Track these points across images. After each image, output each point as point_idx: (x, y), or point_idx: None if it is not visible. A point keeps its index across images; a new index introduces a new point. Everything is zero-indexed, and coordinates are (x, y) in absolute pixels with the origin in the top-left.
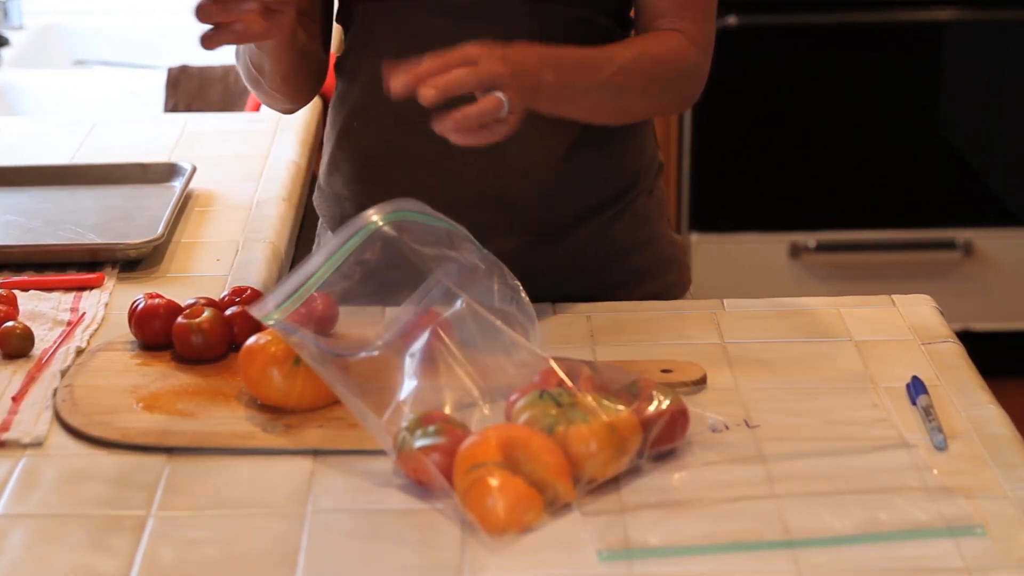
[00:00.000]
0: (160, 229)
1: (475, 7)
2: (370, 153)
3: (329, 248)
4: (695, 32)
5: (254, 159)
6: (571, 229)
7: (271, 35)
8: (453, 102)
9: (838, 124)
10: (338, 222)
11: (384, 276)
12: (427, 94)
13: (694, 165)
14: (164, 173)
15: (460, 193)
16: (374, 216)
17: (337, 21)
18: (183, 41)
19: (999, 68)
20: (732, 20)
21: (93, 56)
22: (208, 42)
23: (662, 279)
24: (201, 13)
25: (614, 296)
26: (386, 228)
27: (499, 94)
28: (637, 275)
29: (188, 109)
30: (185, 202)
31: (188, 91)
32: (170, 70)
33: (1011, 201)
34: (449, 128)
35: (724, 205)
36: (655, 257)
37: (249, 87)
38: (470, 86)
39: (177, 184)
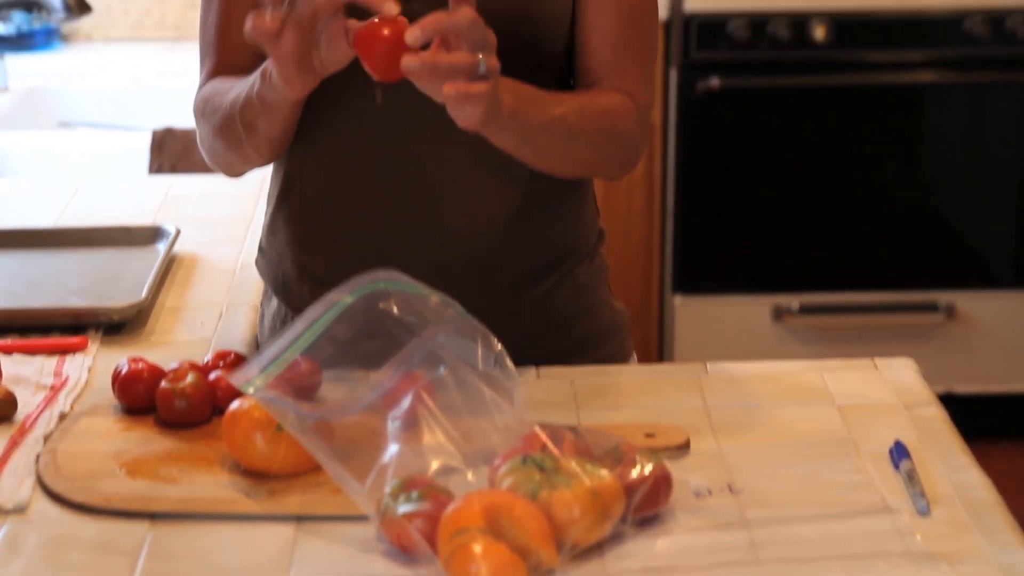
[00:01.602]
0: (144, 293)
1: None
2: (309, 215)
3: (311, 316)
4: (639, 96)
5: (238, 222)
6: (511, 296)
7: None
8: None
9: (821, 186)
10: (281, 286)
11: (366, 344)
12: (412, 33)
13: (677, 227)
14: (148, 236)
15: (398, 256)
16: (354, 286)
17: None
18: (168, 103)
19: (980, 130)
20: (715, 82)
21: (78, 118)
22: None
23: (606, 347)
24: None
25: (556, 364)
26: (367, 297)
27: (482, 65)
28: (580, 344)
29: (173, 171)
30: (169, 265)
31: (173, 153)
32: (155, 132)
33: (993, 263)
34: (415, 66)
35: (707, 267)
36: (598, 326)
37: (217, 146)
38: (453, 31)
39: (161, 247)
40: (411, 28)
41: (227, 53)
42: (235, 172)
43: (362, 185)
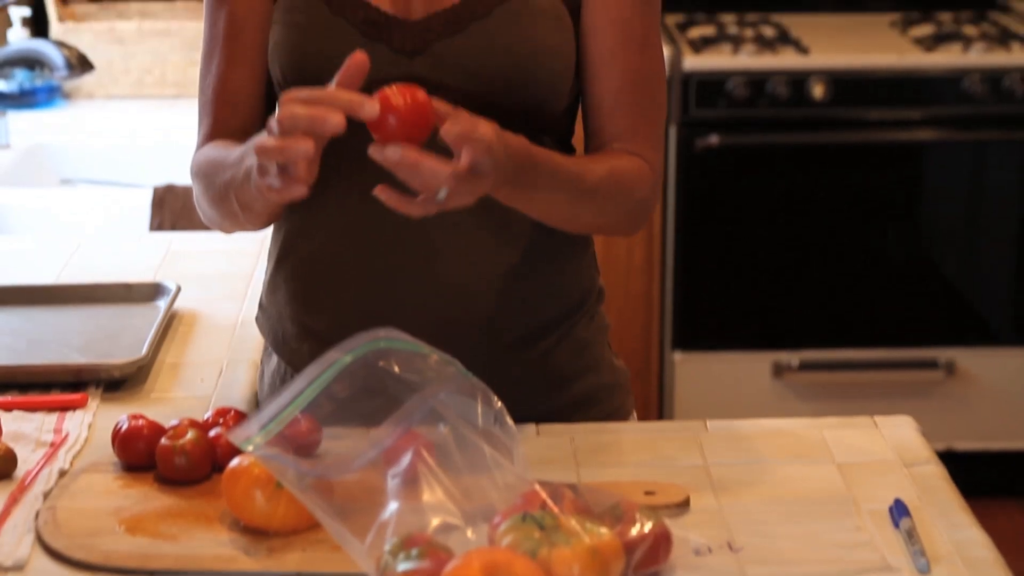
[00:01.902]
0: (144, 349)
1: None
2: (309, 273)
3: (311, 374)
4: (653, 159)
5: (239, 279)
6: (511, 354)
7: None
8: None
9: (820, 243)
10: (280, 343)
11: (366, 402)
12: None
13: (677, 283)
14: (149, 293)
15: (398, 314)
16: (353, 345)
17: None
18: (169, 160)
19: (979, 188)
20: (714, 140)
21: (79, 175)
22: (278, 192)
23: (606, 405)
24: (260, 151)
25: (556, 422)
26: (367, 356)
27: (443, 191)
28: (580, 401)
29: (173, 228)
30: (170, 322)
31: (173, 210)
32: (156, 189)
33: (993, 320)
34: (385, 162)
35: (707, 323)
36: (598, 383)
37: (213, 213)
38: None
39: (162, 304)
40: (393, 150)
41: (224, 114)
42: (231, 232)
43: (362, 244)
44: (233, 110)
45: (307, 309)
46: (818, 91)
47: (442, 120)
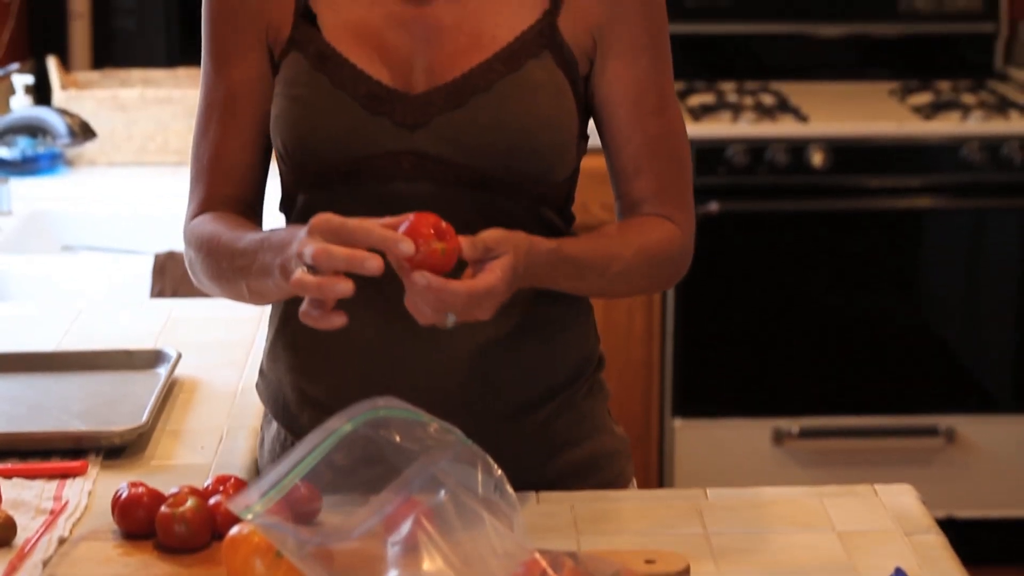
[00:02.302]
0: (144, 417)
1: (418, 199)
2: (310, 341)
3: (311, 442)
4: (683, 220)
5: (239, 345)
6: (511, 422)
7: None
8: None
9: (820, 310)
10: (281, 410)
11: (366, 470)
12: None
13: (677, 350)
14: (149, 360)
15: (399, 383)
16: (353, 413)
17: (279, 210)
18: (170, 227)
19: (978, 255)
20: (714, 207)
21: (80, 241)
22: (316, 320)
23: (606, 472)
24: (297, 286)
25: (556, 490)
26: (367, 424)
27: (452, 317)
28: (580, 469)
29: (174, 295)
30: (170, 389)
31: (174, 277)
32: (157, 256)
33: (993, 388)
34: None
35: (707, 390)
36: (598, 451)
37: (213, 288)
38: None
39: (162, 371)
40: (420, 275)
41: (220, 183)
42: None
43: (363, 313)
44: (228, 179)
45: (307, 377)
46: (817, 159)
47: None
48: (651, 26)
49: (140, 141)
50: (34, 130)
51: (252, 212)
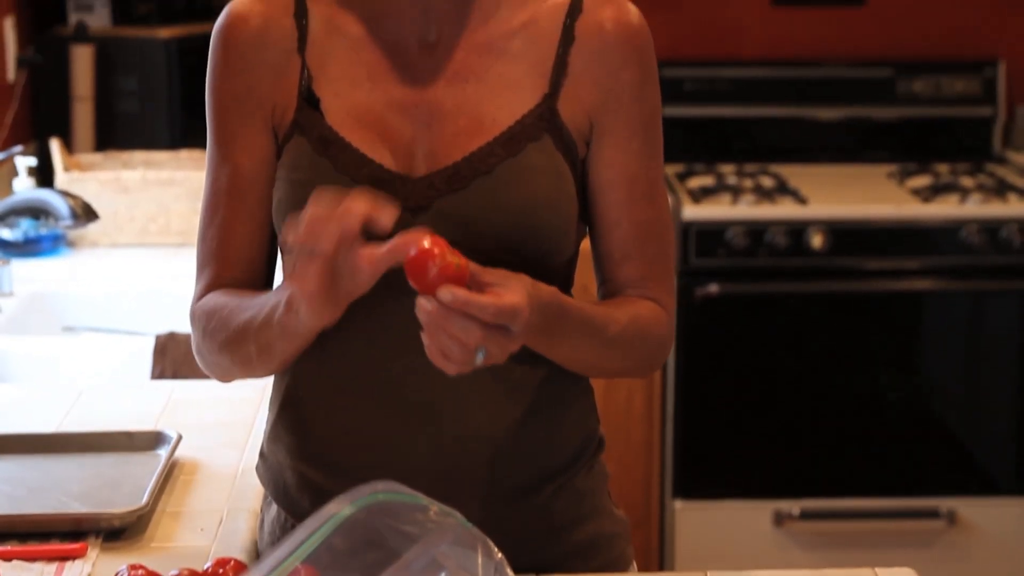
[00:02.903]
0: (145, 498)
1: None
2: (312, 423)
3: (311, 526)
4: (667, 302)
5: (240, 427)
6: (511, 505)
7: (331, 316)
8: None
9: (821, 392)
10: (281, 493)
11: (366, 554)
12: (445, 295)
13: (677, 431)
14: (150, 441)
15: (399, 466)
16: (353, 497)
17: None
18: (171, 308)
19: (978, 337)
20: (714, 288)
21: (82, 322)
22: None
23: (605, 555)
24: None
25: (556, 572)
26: (367, 508)
27: (480, 354)
28: (580, 551)
29: (175, 376)
30: (170, 471)
31: (175, 358)
32: (158, 337)
33: (994, 470)
34: (425, 321)
35: (707, 472)
36: (597, 533)
37: (220, 360)
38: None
39: (163, 452)
40: (445, 290)
41: (227, 266)
42: (231, 380)
43: (364, 396)
44: (236, 263)
45: (307, 460)
46: (817, 241)
47: (480, 280)
48: (645, 112)
49: (142, 222)
50: (36, 212)
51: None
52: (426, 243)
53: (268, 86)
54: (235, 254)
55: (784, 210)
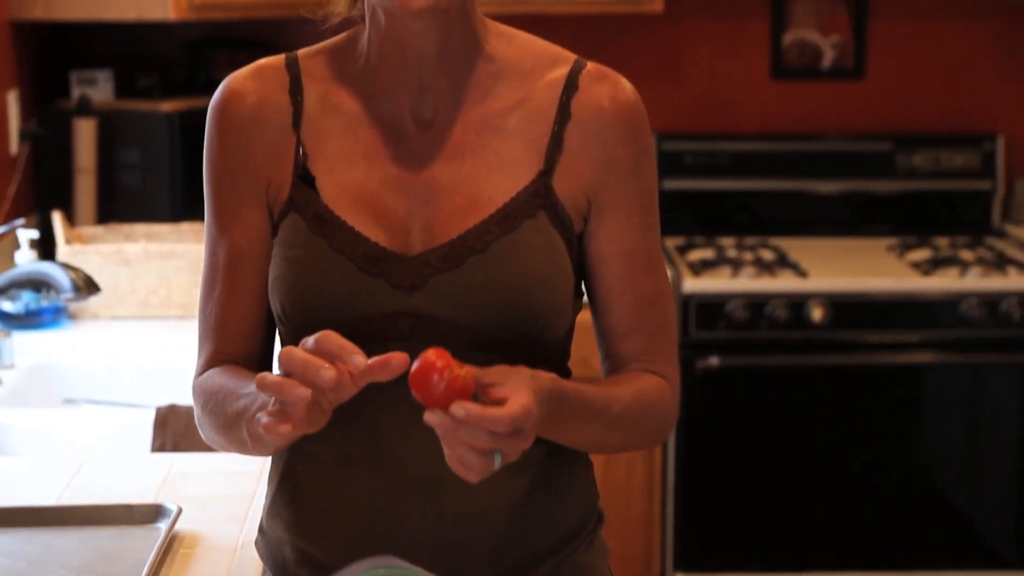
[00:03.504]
0: (144, 572)
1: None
2: (309, 498)
3: None
4: (670, 374)
5: (240, 500)
6: None
7: (316, 426)
8: None
9: (821, 465)
10: (280, 568)
11: None
12: (458, 411)
13: (678, 504)
14: (150, 514)
15: (399, 541)
16: (353, 572)
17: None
18: (171, 380)
19: (978, 411)
20: (715, 361)
21: (82, 394)
22: (269, 429)
23: None
24: (260, 384)
25: None
26: None
27: (498, 458)
28: None
29: (175, 449)
30: (170, 544)
31: (175, 431)
32: (158, 409)
33: (996, 543)
34: (440, 433)
35: (708, 545)
36: None
37: (220, 440)
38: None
39: (163, 526)
40: (458, 407)
41: (226, 342)
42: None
43: (365, 472)
44: (235, 338)
45: (306, 535)
46: (817, 314)
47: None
48: (642, 187)
49: (143, 295)
50: (38, 284)
51: (260, 368)
52: (431, 356)
53: (263, 163)
54: (233, 330)
55: (784, 283)
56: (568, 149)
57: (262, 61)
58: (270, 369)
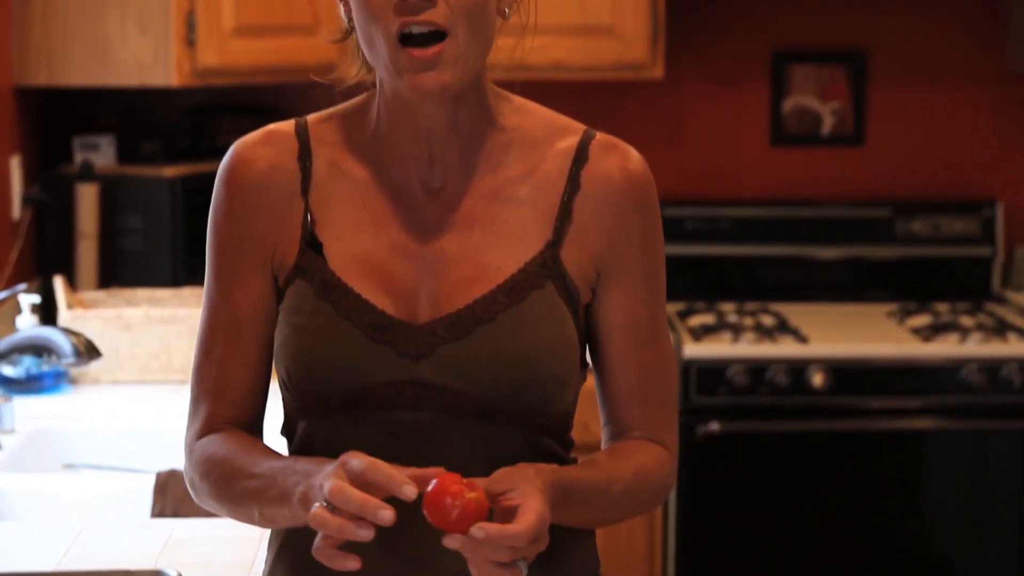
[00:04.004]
0: None
1: (420, 428)
2: (309, 566)
3: None
4: (671, 443)
5: (239, 566)
6: None
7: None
8: None
9: (822, 531)
10: None
11: None
12: (478, 532)
13: (679, 571)
14: None
15: None
16: None
17: (281, 434)
18: (172, 446)
19: (979, 477)
20: (715, 427)
21: (82, 459)
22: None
23: None
24: (339, 494)
25: None
26: None
27: (524, 566)
28: None
29: (175, 514)
30: None
31: (175, 496)
32: (158, 475)
33: None
34: (464, 553)
35: None
36: None
37: (219, 509)
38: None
39: None
40: (477, 528)
41: (224, 404)
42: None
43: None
44: (231, 401)
45: None
46: (818, 379)
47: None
48: (650, 258)
49: (144, 360)
50: (39, 349)
51: (254, 433)
52: (443, 482)
53: (270, 229)
54: (231, 393)
55: (785, 348)
56: (577, 220)
57: (271, 126)
58: (262, 435)
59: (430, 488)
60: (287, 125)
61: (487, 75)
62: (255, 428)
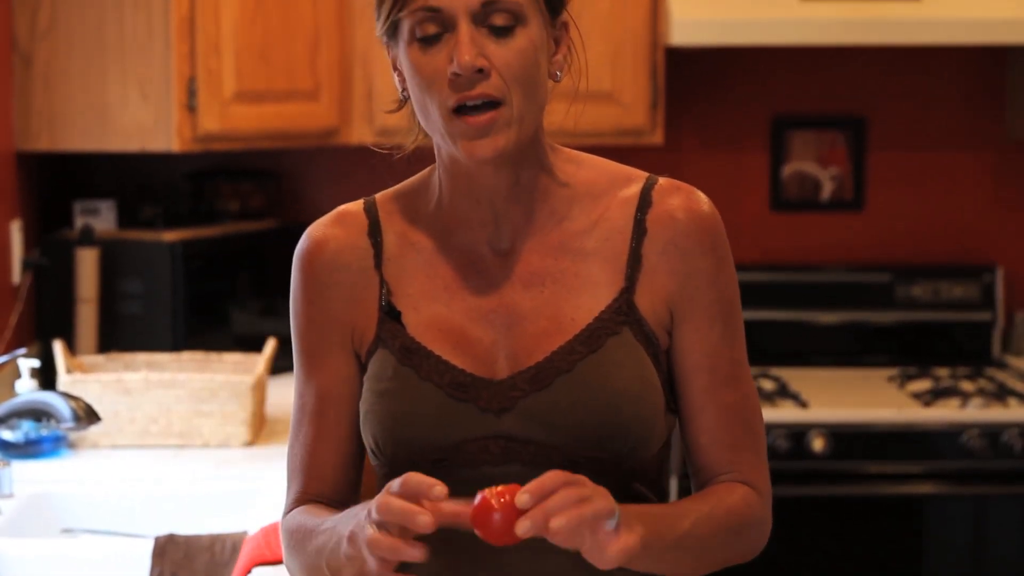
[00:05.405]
0: None
1: (507, 481)
2: None
3: None
4: (759, 481)
5: None
6: None
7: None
8: None
9: None
10: None
11: None
12: (521, 498)
13: None
14: None
15: None
16: None
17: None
18: (170, 510)
19: (980, 542)
20: None
21: (81, 524)
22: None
23: None
24: (385, 508)
25: None
26: None
27: (611, 523)
28: None
29: None
30: None
31: (174, 560)
32: (157, 539)
33: None
34: (527, 528)
35: None
36: None
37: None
38: (588, 520)
39: None
40: (521, 492)
41: (312, 481)
42: None
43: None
44: (321, 478)
45: None
46: (818, 444)
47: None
48: (722, 295)
49: (143, 424)
50: (38, 414)
51: (348, 507)
52: (485, 497)
53: (346, 308)
54: (318, 471)
55: (785, 413)
56: (647, 265)
57: (341, 208)
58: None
59: (474, 505)
60: (356, 205)
61: (544, 133)
62: (348, 503)
